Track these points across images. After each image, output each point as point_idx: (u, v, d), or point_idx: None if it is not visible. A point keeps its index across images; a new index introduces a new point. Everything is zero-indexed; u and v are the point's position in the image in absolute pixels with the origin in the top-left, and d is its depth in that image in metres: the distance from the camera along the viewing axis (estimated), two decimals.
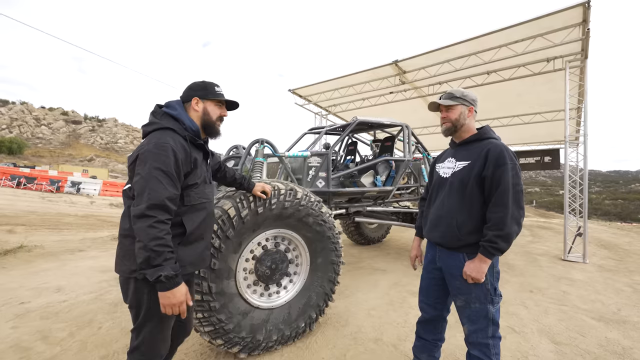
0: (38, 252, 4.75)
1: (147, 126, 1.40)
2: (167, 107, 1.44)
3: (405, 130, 4.58)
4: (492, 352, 1.51)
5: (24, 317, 2.66)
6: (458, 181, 1.59)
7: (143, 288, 1.30)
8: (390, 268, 4.64)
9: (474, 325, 1.54)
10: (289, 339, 2.29)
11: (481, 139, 1.62)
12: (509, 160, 1.45)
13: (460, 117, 1.65)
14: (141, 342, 1.34)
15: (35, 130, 68.39)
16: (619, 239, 8.74)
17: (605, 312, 3.24)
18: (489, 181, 1.48)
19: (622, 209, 65.88)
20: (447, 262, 1.62)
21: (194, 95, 1.48)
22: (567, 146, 6.34)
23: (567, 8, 4.98)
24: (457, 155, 1.67)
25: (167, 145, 1.28)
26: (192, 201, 1.40)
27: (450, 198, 1.61)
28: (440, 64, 7.03)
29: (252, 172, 3.04)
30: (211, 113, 1.50)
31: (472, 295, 1.53)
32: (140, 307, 1.32)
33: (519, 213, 1.43)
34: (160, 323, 1.35)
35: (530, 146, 12.52)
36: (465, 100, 1.65)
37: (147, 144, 1.30)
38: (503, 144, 1.55)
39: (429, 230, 1.74)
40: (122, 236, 1.36)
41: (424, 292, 1.81)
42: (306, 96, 10.09)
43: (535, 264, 5.33)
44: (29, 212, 8.78)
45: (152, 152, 1.26)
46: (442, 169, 1.73)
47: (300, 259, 2.44)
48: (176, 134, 1.36)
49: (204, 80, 1.52)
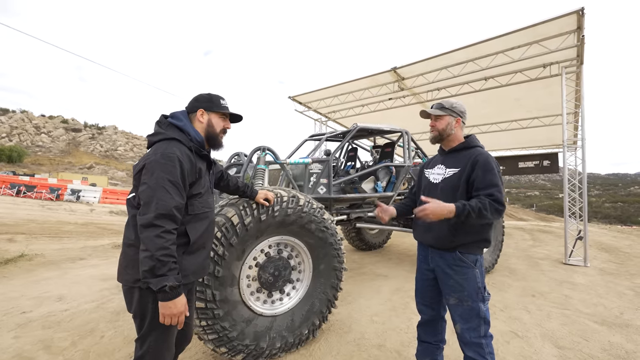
0: (39, 260, 4.73)
1: (153, 136, 1.42)
2: (173, 118, 1.47)
3: (405, 136, 4.62)
4: (485, 351, 1.56)
5: (25, 326, 2.66)
6: (449, 187, 1.68)
7: (147, 297, 1.31)
8: (392, 273, 4.64)
9: (467, 324, 1.59)
10: (292, 346, 2.29)
11: (468, 147, 1.73)
12: (495, 166, 1.60)
13: (447, 127, 1.75)
14: (146, 351, 1.34)
15: (35, 138, 68.52)
16: (619, 242, 8.73)
17: (608, 316, 3.23)
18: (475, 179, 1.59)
19: (622, 211, 65.89)
20: (439, 262, 1.69)
21: (200, 106, 1.51)
22: (566, 150, 6.39)
23: (562, 15, 5.08)
24: (446, 162, 1.77)
25: (174, 156, 1.31)
26: (195, 210, 1.43)
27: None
28: (439, 71, 7.12)
29: (253, 179, 3.06)
30: (215, 125, 1.53)
31: (464, 294, 1.59)
32: (144, 316, 1.33)
33: (503, 202, 1.51)
34: (165, 332, 1.36)
35: (529, 150, 12.57)
36: (454, 111, 1.75)
37: (154, 154, 1.32)
38: (488, 152, 1.69)
39: (421, 234, 1.81)
40: (126, 245, 1.37)
41: (420, 294, 1.87)
42: (306, 103, 10.17)
43: (536, 268, 5.33)
44: (29, 221, 8.76)
45: (160, 162, 1.28)
46: (431, 174, 1.82)
47: (303, 265, 2.45)
48: (182, 145, 1.39)
49: (210, 93, 1.56)
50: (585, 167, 6.17)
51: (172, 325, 1.33)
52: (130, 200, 1.39)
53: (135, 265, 1.27)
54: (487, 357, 1.56)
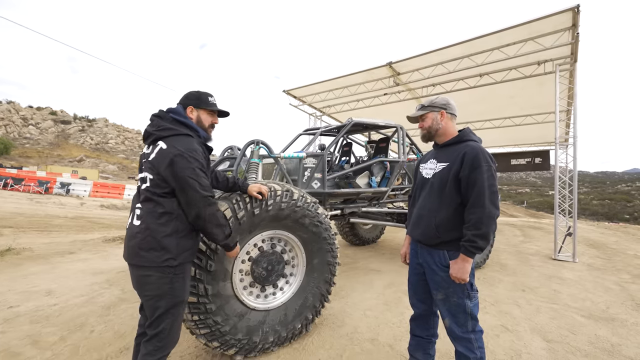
0: (27, 254, 4.63)
1: (162, 131, 1.51)
2: (175, 114, 1.58)
3: (399, 131, 4.62)
4: (474, 345, 1.58)
5: (12, 321, 2.60)
6: (438, 182, 1.67)
7: (165, 278, 1.44)
8: (385, 268, 4.67)
9: (454, 319, 1.62)
10: (285, 340, 2.29)
11: (460, 141, 1.70)
12: (484, 163, 1.52)
13: (433, 123, 1.75)
14: (163, 328, 1.46)
15: (22, 130, 66.77)
16: (606, 239, 8.95)
17: (595, 310, 3.31)
18: (465, 182, 1.55)
19: (609, 209, 67.45)
20: (426, 258, 1.70)
21: (189, 103, 1.64)
22: (557, 148, 6.48)
23: (557, 12, 5.09)
24: (438, 156, 1.76)
25: (198, 149, 1.51)
26: None
27: (430, 198, 1.70)
28: (434, 66, 7.11)
29: (247, 173, 3.03)
30: (204, 121, 1.67)
31: (450, 290, 1.60)
32: (162, 296, 1.45)
33: (495, 212, 1.50)
34: (181, 311, 1.53)
35: (521, 147, 12.74)
36: (434, 106, 1.74)
37: (178, 149, 1.45)
38: (480, 146, 1.61)
39: (411, 229, 1.82)
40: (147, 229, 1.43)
41: (412, 288, 1.88)
42: (300, 97, 10.09)
43: (527, 263, 5.43)
44: (16, 214, 8.57)
45: (189, 154, 1.45)
46: (424, 169, 1.81)
47: (296, 260, 2.44)
48: (194, 140, 1.54)
49: (198, 91, 1.69)
50: (576, 165, 6.27)
51: (184, 305, 1.55)
52: (149, 190, 1.47)
53: (158, 248, 1.41)
54: (477, 351, 1.57)
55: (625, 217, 56.26)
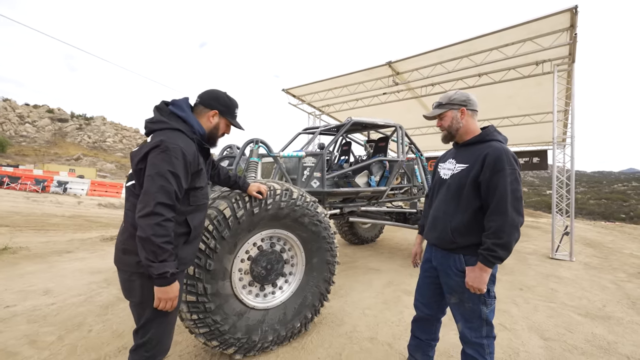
0: (23, 253, 4.60)
1: (154, 124, 1.38)
2: (174, 106, 1.44)
3: (398, 130, 4.62)
4: (486, 351, 1.52)
5: (9, 321, 2.58)
6: (455, 184, 1.56)
7: (150, 284, 1.30)
8: (384, 267, 4.68)
9: (468, 324, 1.54)
10: (284, 339, 2.29)
11: (482, 140, 1.57)
12: (508, 165, 1.40)
13: (453, 122, 1.64)
14: (149, 338, 1.34)
15: (18, 128, 66.27)
16: (603, 238, 9.01)
17: (591, 309, 3.33)
18: (485, 186, 1.44)
19: (606, 208, 67.91)
20: (441, 261, 1.62)
21: (216, 108, 1.52)
22: (555, 147, 6.51)
23: (555, 13, 5.11)
24: (457, 156, 1.64)
25: (177, 148, 1.29)
26: (197, 201, 1.45)
27: (446, 200, 1.61)
28: (433, 66, 7.12)
29: (246, 172, 3.02)
30: (220, 129, 1.58)
31: (465, 295, 1.52)
32: (147, 303, 1.32)
33: (518, 220, 1.38)
34: (168, 318, 1.38)
35: (519, 147, 12.79)
36: (454, 104, 1.63)
37: (157, 143, 1.28)
38: (504, 147, 1.49)
39: (427, 231, 1.74)
40: (128, 231, 1.33)
41: (420, 291, 1.82)
42: (300, 96, 10.07)
43: (524, 262, 5.45)
44: (13, 213, 8.50)
45: (162, 152, 1.26)
46: (442, 169, 1.71)
47: (295, 259, 2.44)
48: (186, 137, 1.38)
49: (230, 97, 1.58)
50: (573, 164, 6.30)
51: (174, 311, 1.38)
52: (130, 188, 1.36)
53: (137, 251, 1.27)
54: (487, 357, 1.51)
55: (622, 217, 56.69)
